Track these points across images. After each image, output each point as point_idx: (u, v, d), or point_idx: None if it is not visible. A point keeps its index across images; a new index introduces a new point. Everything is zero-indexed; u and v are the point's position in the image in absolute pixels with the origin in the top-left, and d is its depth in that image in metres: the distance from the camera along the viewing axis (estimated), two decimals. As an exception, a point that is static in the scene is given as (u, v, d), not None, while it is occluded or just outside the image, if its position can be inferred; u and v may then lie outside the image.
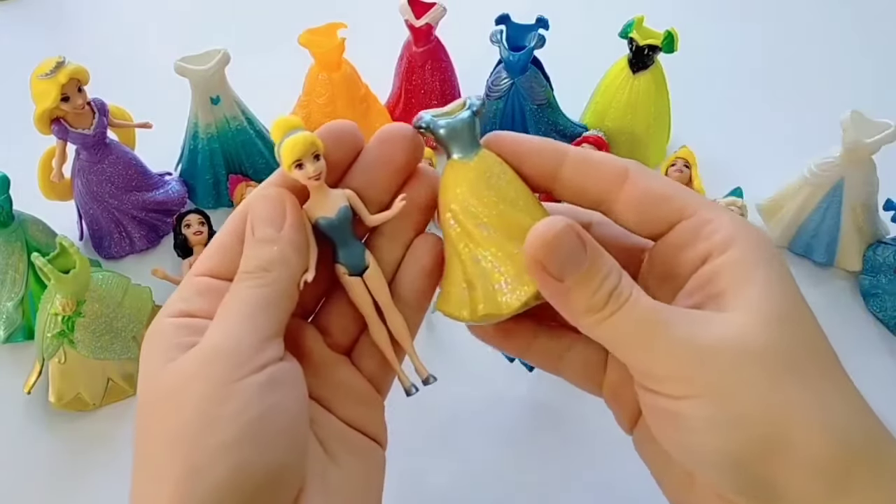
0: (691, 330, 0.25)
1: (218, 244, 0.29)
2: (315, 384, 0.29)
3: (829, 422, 0.24)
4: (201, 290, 0.28)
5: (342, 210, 0.29)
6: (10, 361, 0.49)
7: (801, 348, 0.25)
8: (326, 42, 0.55)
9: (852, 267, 0.54)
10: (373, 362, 0.32)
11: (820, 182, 0.52)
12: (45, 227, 0.51)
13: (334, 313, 0.32)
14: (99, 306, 0.45)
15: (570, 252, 0.25)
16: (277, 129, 0.29)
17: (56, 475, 0.44)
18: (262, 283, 0.27)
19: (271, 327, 0.27)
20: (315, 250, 0.29)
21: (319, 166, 0.28)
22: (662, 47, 0.55)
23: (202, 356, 0.25)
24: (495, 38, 0.57)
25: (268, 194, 0.29)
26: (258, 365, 0.26)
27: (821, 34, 0.76)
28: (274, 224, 0.28)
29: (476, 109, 0.29)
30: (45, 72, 0.46)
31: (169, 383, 0.25)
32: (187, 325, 0.27)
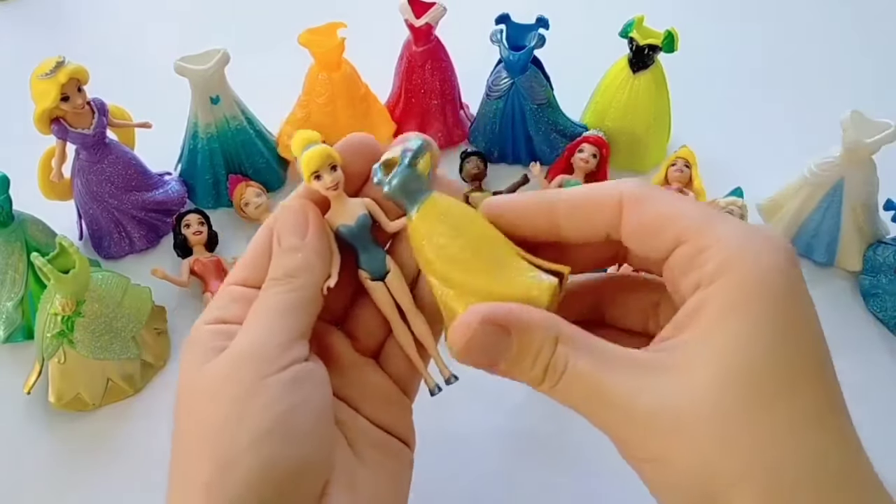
0: (633, 397, 0.24)
1: (250, 255, 0.31)
2: (343, 386, 0.31)
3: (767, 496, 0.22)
4: (235, 298, 0.30)
5: (361, 218, 0.31)
6: (9, 361, 0.49)
7: (751, 409, 0.23)
8: (326, 42, 0.55)
9: (852, 267, 0.54)
10: (399, 364, 0.33)
11: (820, 182, 0.52)
12: (45, 226, 0.51)
13: (361, 318, 0.33)
14: (98, 306, 0.45)
15: (492, 344, 0.26)
16: (297, 143, 0.30)
17: (56, 475, 0.44)
18: (289, 289, 0.29)
19: (297, 329, 0.28)
20: (338, 257, 0.31)
21: (336, 177, 0.30)
22: (662, 47, 0.55)
23: (232, 358, 0.27)
24: (495, 38, 0.57)
25: (291, 206, 0.31)
26: (284, 364, 0.27)
27: (821, 34, 0.76)
28: (298, 233, 0.30)
29: (409, 161, 0.29)
30: (44, 72, 0.46)
31: (203, 384, 0.27)
32: (221, 331, 0.29)
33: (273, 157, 0.59)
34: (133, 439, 0.46)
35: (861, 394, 0.49)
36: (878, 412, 0.48)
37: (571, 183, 0.56)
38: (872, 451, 0.47)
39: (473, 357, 0.26)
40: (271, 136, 0.60)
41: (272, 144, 0.59)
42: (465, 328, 0.26)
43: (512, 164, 0.61)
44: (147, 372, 0.48)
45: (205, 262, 0.52)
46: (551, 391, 0.26)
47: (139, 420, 0.47)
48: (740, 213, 0.53)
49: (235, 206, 0.56)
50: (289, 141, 0.58)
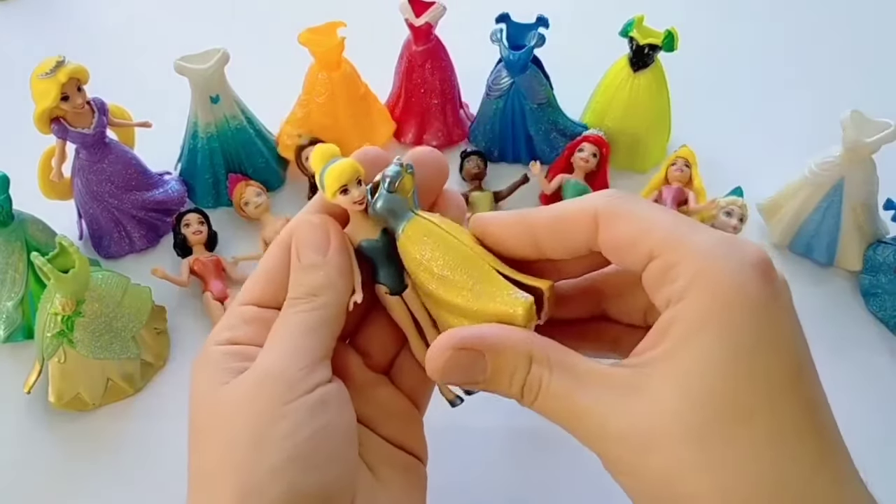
0: (604, 417, 0.25)
1: (262, 273, 0.30)
2: (358, 404, 0.30)
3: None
4: (247, 319, 0.29)
5: (383, 232, 0.30)
6: (9, 361, 0.49)
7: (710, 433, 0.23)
8: (326, 41, 0.55)
9: (852, 266, 0.54)
10: (412, 379, 0.33)
11: (820, 182, 0.52)
12: (45, 226, 0.50)
13: (374, 335, 0.33)
14: (98, 306, 0.45)
15: (466, 367, 0.26)
16: (318, 158, 0.30)
17: (56, 475, 0.44)
18: (311, 308, 0.28)
19: (320, 350, 0.28)
20: (359, 273, 0.30)
21: (363, 191, 0.29)
22: (663, 46, 0.55)
23: (254, 379, 0.27)
24: (495, 37, 0.57)
25: (311, 221, 0.30)
26: (308, 387, 0.27)
27: (821, 34, 0.76)
28: (319, 250, 0.29)
29: (388, 186, 0.29)
30: (44, 71, 0.46)
31: (223, 406, 0.26)
32: (236, 352, 0.28)
33: (273, 156, 0.59)
34: (133, 439, 0.46)
35: (861, 394, 0.50)
36: (877, 412, 0.48)
37: (571, 182, 0.56)
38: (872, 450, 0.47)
39: (451, 379, 0.27)
40: (271, 136, 0.60)
41: (272, 144, 0.59)
42: (440, 354, 0.26)
43: (512, 164, 0.61)
44: (147, 371, 0.48)
45: (204, 261, 0.52)
46: (531, 407, 0.27)
47: (139, 420, 0.47)
48: (740, 213, 0.53)
49: (235, 206, 0.56)
50: (289, 140, 0.58)
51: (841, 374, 0.50)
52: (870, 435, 0.47)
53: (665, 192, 0.55)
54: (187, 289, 0.52)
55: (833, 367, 0.50)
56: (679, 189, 0.55)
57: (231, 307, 0.30)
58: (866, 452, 0.47)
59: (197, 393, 0.28)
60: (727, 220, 0.53)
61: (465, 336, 0.26)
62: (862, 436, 0.47)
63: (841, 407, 0.48)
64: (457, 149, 0.61)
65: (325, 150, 0.30)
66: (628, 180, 0.60)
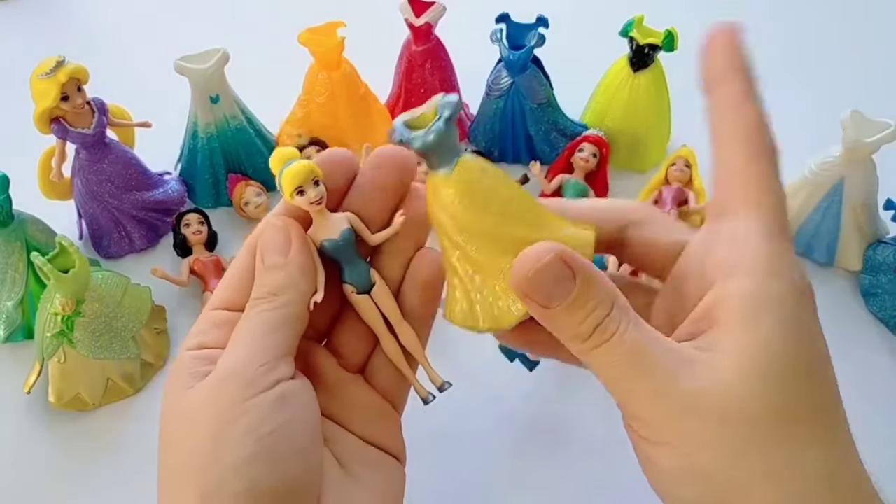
0: (674, 376, 0.24)
1: (231, 277, 0.31)
2: (330, 404, 0.31)
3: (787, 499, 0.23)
4: (217, 323, 0.30)
5: (345, 232, 0.31)
6: (9, 361, 0.49)
7: (784, 411, 0.23)
8: (326, 41, 0.55)
9: (852, 266, 0.54)
10: (386, 377, 0.33)
11: (820, 182, 0.52)
12: (45, 226, 0.51)
13: (345, 334, 0.33)
14: (98, 306, 0.45)
15: (556, 282, 0.25)
16: (276, 161, 0.30)
17: (56, 475, 0.44)
18: (272, 307, 0.29)
19: (281, 348, 0.28)
20: (322, 272, 0.31)
21: (320, 191, 0.30)
22: (663, 46, 0.55)
23: (216, 380, 0.27)
24: (495, 37, 0.57)
25: (274, 223, 0.31)
26: (269, 384, 0.27)
27: (821, 34, 0.76)
28: (281, 251, 0.30)
29: (449, 115, 0.27)
30: (44, 71, 0.46)
31: (185, 409, 0.27)
32: (204, 357, 0.28)
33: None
34: (133, 439, 0.46)
35: (861, 394, 0.49)
36: (878, 412, 0.48)
37: (571, 182, 0.56)
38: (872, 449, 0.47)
39: (534, 290, 0.25)
40: (271, 136, 0.60)
41: (272, 144, 0.59)
42: (535, 259, 0.25)
43: (512, 164, 0.61)
44: (147, 371, 0.48)
45: (204, 261, 0.52)
46: (590, 353, 0.25)
47: (139, 420, 0.47)
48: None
49: (235, 206, 0.56)
50: (289, 140, 0.58)
51: (841, 374, 0.50)
52: (870, 435, 0.47)
53: (665, 192, 0.55)
54: (187, 289, 0.52)
55: (833, 367, 0.50)
56: (679, 189, 0.55)
57: (202, 312, 0.31)
58: (867, 452, 0.47)
59: (165, 400, 0.28)
60: (727, 220, 0.53)
61: (566, 250, 0.25)
62: (862, 436, 0.47)
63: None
64: (457, 149, 0.61)
65: (282, 152, 0.30)
66: (628, 180, 0.60)
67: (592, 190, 0.56)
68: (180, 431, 0.27)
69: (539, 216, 0.27)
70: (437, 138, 0.27)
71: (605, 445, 0.46)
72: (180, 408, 0.27)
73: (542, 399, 0.48)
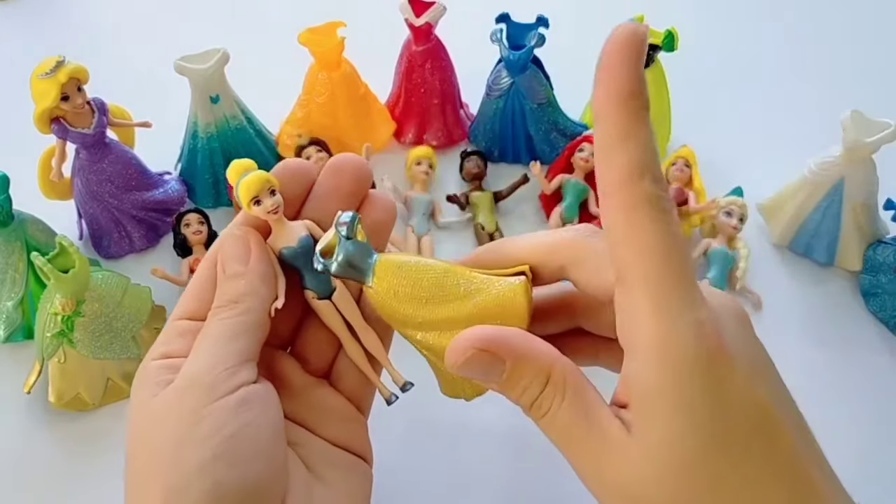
0: (600, 463, 0.25)
1: (194, 288, 0.32)
2: (295, 408, 0.31)
3: None
4: (180, 332, 0.30)
5: (303, 239, 0.31)
6: (9, 361, 0.49)
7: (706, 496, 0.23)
8: (326, 41, 0.55)
9: (853, 266, 0.54)
10: (350, 381, 0.34)
11: (820, 181, 0.52)
12: (45, 226, 0.50)
13: (309, 340, 0.34)
14: (98, 306, 0.45)
15: (485, 369, 0.26)
16: (233, 172, 0.31)
17: (56, 475, 0.44)
18: (233, 315, 0.29)
19: (243, 354, 0.29)
20: (283, 279, 0.32)
21: (276, 201, 0.31)
22: (663, 46, 0.55)
23: (178, 386, 0.28)
24: (495, 37, 0.57)
25: (233, 233, 0.31)
26: (230, 388, 0.27)
27: (821, 34, 0.76)
28: (240, 260, 0.31)
29: (346, 234, 0.29)
30: (44, 71, 0.46)
31: (149, 415, 0.28)
32: (167, 365, 0.29)
33: (273, 156, 0.59)
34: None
35: (861, 394, 0.50)
36: (878, 412, 0.48)
37: (571, 182, 0.56)
38: (872, 450, 0.47)
39: (468, 375, 0.27)
40: (271, 136, 0.60)
41: (272, 144, 0.59)
42: (462, 351, 0.26)
43: (512, 164, 0.61)
44: (147, 371, 0.48)
45: (205, 261, 0.52)
46: (537, 422, 0.27)
47: (139, 420, 0.47)
48: (740, 213, 0.53)
49: (235, 206, 0.56)
50: (289, 140, 0.58)
51: (841, 374, 0.50)
52: (870, 435, 0.47)
53: (665, 192, 0.55)
54: (187, 289, 0.52)
55: (833, 367, 0.50)
56: (679, 189, 0.55)
57: (167, 322, 0.31)
58: (867, 453, 0.48)
59: (131, 409, 0.29)
60: (727, 220, 0.53)
61: (490, 336, 0.26)
62: (862, 436, 0.47)
63: (841, 407, 0.49)
64: (457, 149, 0.61)
65: (239, 164, 0.31)
66: (628, 180, 0.60)
67: (592, 189, 0.56)
68: (145, 436, 0.28)
69: (469, 284, 0.28)
70: (346, 259, 0.29)
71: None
72: (145, 414, 0.28)
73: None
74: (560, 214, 0.56)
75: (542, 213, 0.58)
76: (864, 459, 0.46)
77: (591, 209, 0.56)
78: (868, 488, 0.45)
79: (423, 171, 0.57)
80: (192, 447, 0.26)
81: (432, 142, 0.61)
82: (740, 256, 0.53)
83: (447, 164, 0.60)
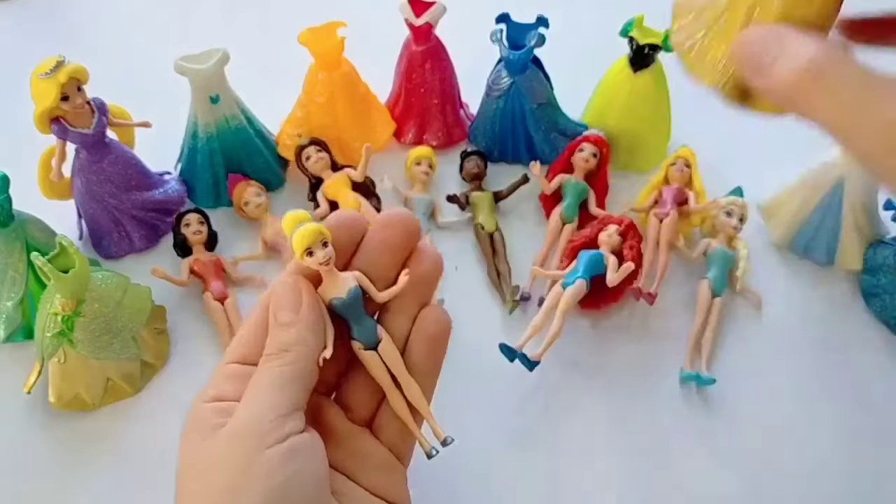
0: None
1: (245, 333, 0.33)
2: (338, 456, 0.32)
3: None
4: (230, 376, 0.32)
5: (352, 290, 0.33)
6: (10, 361, 0.49)
7: None
8: (326, 41, 0.55)
9: (852, 266, 0.54)
10: (392, 431, 0.35)
11: (820, 182, 0.52)
12: (45, 226, 0.50)
13: (354, 389, 0.35)
14: (98, 306, 0.45)
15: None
16: (289, 223, 0.32)
17: (56, 475, 0.45)
18: (283, 363, 0.30)
19: (292, 403, 0.30)
20: (331, 329, 0.33)
21: (328, 252, 0.32)
22: (663, 46, 0.55)
23: (230, 433, 0.29)
24: (495, 37, 0.57)
25: (286, 282, 0.33)
26: (279, 437, 0.29)
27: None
28: (292, 308, 0.32)
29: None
30: (44, 71, 0.46)
31: (203, 460, 0.29)
32: (219, 409, 0.30)
33: (273, 156, 0.59)
34: (133, 439, 0.46)
35: (862, 394, 0.50)
36: (878, 412, 0.48)
37: (571, 182, 0.56)
38: (872, 449, 0.47)
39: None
40: (271, 136, 0.60)
41: (272, 144, 0.59)
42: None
43: (512, 164, 0.61)
44: (147, 371, 0.48)
45: (204, 261, 0.52)
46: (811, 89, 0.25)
47: (139, 420, 0.47)
48: (740, 213, 0.53)
49: (235, 206, 0.56)
50: (289, 140, 0.58)
51: (841, 374, 0.50)
52: (870, 435, 0.47)
53: (665, 192, 0.55)
54: (187, 289, 0.52)
55: (833, 366, 0.50)
56: (679, 189, 0.55)
57: (218, 366, 0.33)
58: (867, 453, 0.48)
59: (183, 449, 0.30)
60: (727, 220, 0.53)
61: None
62: (862, 436, 0.47)
63: (841, 407, 0.49)
64: (457, 149, 0.61)
65: (294, 216, 0.32)
66: (628, 180, 0.60)
67: (592, 190, 0.56)
68: (197, 481, 0.29)
69: None
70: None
71: (605, 445, 0.46)
72: (197, 458, 0.29)
73: (542, 399, 0.48)
74: (560, 214, 0.56)
75: (542, 212, 0.58)
76: (865, 459, 0.46)
77: (591, 209, 0.56)
78: (868, 488, 0.45)
79: (422, 171, 0.57)
80: (243, 494, 0.27)
81: (432, 142, 0.61)
82: (740, 256, 0.53)
83: (447, 164, 0.60)
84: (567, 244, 0.53)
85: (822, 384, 0.49)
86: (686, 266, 0.54)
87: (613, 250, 0.50)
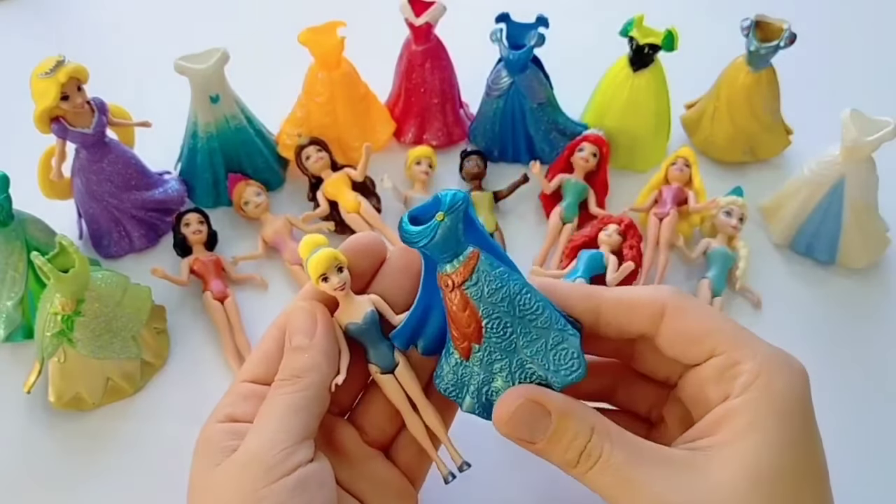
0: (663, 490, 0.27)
1: (260, 353, 0.33)
2: (350, 478, 0.33)
3: None
4: (245, 396, 0.32)
5: (368, 315, 0.32)
6: (9, 361, 0.49)
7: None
8: (326, 40, 0.55)
9: (854, 265, 0.54)
10: (409, 454, 0.35)
11: (820, 181, 0.52)
12: (45, 226, 0.50)
13: (369, 411, 0.35)
14: (98, 305, 0.45)
15: (532, 423, 0.28)
16: (305, 247, 0.32)
17: (56, 475, 0.44)
18: (295, 390, 0.31)
19: (302, 431, 0.30)
20: (347, 354, 0.33)
21: (343, 278, 0.32)
22: (663, 46, 0.55)
23: (240, 462, 0.29)
24: (495, 37, 0.57)
25: (302, 306, 0.33)
26: (288, 469, 0.29)
27: (821, 34, 0.76)
28: (306, 333, 0.32)
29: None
30: (44, 71, 0.46)
31: (211, 487, 0.29)
32: (232, 430, 0.31)
33: (273, 156, 0.59)
34: (133, 439, 0.46)
35: (863, 394, 0.50)
36: (879, 412, 0.48)
37: (571, 182, 0.56)
38: (872, 450, 0.47)
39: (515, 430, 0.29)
40: (271, 136, 0.60)
41: (272, 143, 0.59)
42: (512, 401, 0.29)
43: (512, 163, 0.61)
44: (147, 371, 0.48)
45: (204, 261, 0.52)
46: (582, 476, 0.28)
47: (139, 419, 0.47)
48: (740, 212, 0.53)
49: (235, 205, 0.56)
50: (289, 140, 0.58)
51: (841, 374, 0.50)
52: (870, 435, 0.47)
53: (665, 191, 0.55)
54: (187, 289, 0.52)
55: (833, 366, 0.50)
56: (679, 189, 0.55)
57: (232, 385, 0.33)
58: (867, 453, 0.47)
59: (194, 471, 0.30)
60: (727, 219, 0.53)
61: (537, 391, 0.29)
62: (862, 436, 0.47)
63: (841, 407, 0.49)
64: (456, 148, 0.61)
65: (311, 240, 0.32)
66: (628, 180, 0.60)
67: (592, 189, 0.56)
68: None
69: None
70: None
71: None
72: (208, 483, 0.29)
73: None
74: (560, 214, 0.55)
75: (542, 212, 0.58)
76: (865, 459, 0.46)
77: (591, 209, 0.56)
78: (869, 488, 0.45)
79: (422, 171, 0.57)
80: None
81: (432, 141, 0.61)
82: (740, 256, 0.53)
83: (447, 163, 0.60)
84: (567, 244, 0.53)
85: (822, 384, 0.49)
86: (686, 266, 0.54)
87: (613, 250, 0.50)
